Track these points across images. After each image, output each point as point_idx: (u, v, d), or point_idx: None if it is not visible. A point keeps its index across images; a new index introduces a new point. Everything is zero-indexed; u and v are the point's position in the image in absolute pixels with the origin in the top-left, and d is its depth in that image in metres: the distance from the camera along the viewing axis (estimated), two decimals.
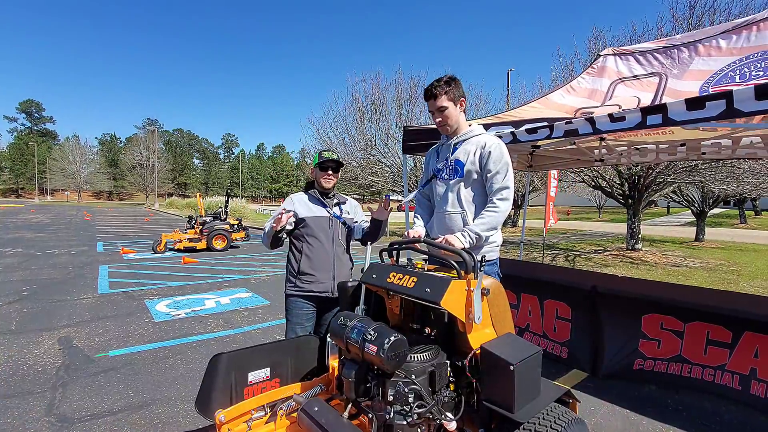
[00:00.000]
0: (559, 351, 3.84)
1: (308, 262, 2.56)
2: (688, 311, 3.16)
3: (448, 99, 2.22)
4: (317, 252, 2.57)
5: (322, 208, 2.63)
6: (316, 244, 2.57)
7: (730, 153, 4.85)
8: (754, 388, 2.95)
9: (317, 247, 2.57)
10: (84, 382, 3.38)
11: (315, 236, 2.57)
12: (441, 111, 2.24)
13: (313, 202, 2.64)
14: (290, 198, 2.67)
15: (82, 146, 68.34)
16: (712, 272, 9.25)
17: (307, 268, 2.55)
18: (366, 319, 1.78)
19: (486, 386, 1.70)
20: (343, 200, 2.77)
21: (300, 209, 2.59)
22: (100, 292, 6.49)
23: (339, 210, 2.69)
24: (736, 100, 2.38)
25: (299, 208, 2.59)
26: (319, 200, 2.64)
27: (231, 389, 2.06)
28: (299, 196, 2.67)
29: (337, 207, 2.70)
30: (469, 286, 1.75)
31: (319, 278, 2.56)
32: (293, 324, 2.59)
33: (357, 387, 1.68)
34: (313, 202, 2.63)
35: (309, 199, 2.64)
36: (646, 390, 3.29)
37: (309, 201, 2.64)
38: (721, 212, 31.95)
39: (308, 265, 2.56)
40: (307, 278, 2.56)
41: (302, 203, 2.62)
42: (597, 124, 2.91)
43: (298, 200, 2.64)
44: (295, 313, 2.58)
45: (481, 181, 2.24)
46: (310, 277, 2.56)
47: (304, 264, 2.56)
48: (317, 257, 2.57)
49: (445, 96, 2.21)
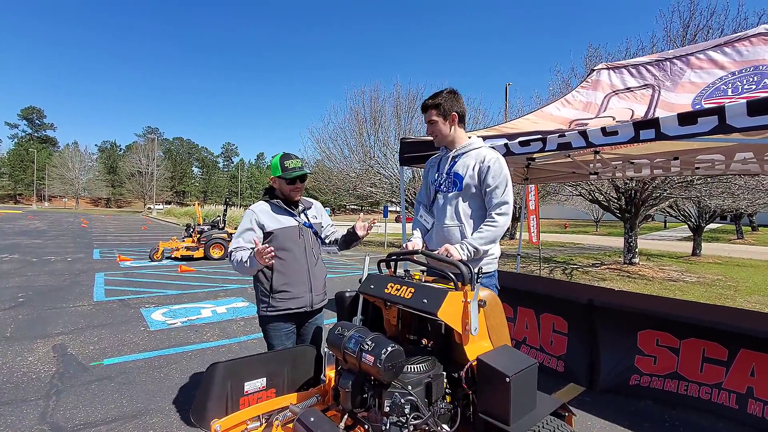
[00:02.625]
0: (556, 365, 3.83)
1: (281, 277, 2.36)
2: (684, 327, 3.15)
3: (437, 114, 2.29)
4: (290, 265, 2.38)
5: (290, 217, 2.45)
6: (288, 257, 2.38)
7: (723, 168, 4.93)
8: (751, 407, 2.90)
9: (289, 260, 2.38)
10: (78, 390, 3.35)
11: (286, 249, 2.37)
12: (431, 124, 2.33)
13: (279, 212, 2.44)
14: (251, 211, 2.40)
15: (81, 153, 68.56)
16: (709, 287, 9.26)
17: (281, 284, 2.36)
18: (363, 329, 1.79)
19: (482, 398, 1.71)
20: (308, 205, 2.62)
21: (266, 222, 2.38)
22: (96, 300, 6.45)
23: (306, 216, 2.54)
24: (728, 115, 2.42)
25: (265, 220, 2.38)
26: (285, 209, 2.45)
27: (227, 399, 2.05)
28: (261, 207, 2.44)
29: (304, 214, 2.54)
30: (466, 297, 1.76)
31: (296, 293, 2.39)
32: (275, 347, 2.41)
33: (354, 397, 1.69)
34: (279, 213, 2.44)
35: (273, 210, 2.43)
36: (642, 405, 3.27)
37: (274, 211, 2.43)
38: (718, 227, 32.09)
39: (282, 281, 2.36)
40: (282, 296, 2.37)
41: (267, 215, 2.40)
42: (590, 138, 2.96)
43: (261, 212, 2.40)
44: (274, 335, 2.41)
45: (480, 194, 2.26)
46: (286, 294, 2.37)
47: (278, 281, 2.36)
48: (291, 271, 2.38)
49: (434, 110, 2.29)
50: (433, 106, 2.29)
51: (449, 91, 2.31)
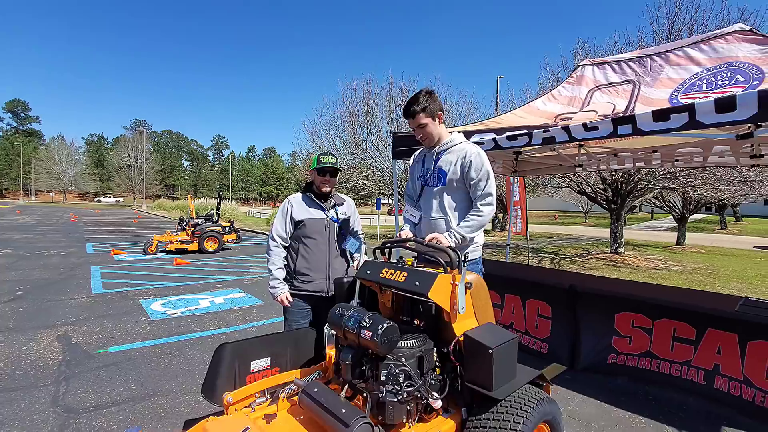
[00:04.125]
0: (540, 347, 4.07)
1: (304, 262, 2.66)
2: (656, 309, 3.39)
3: (425, 116, 2.37)
4: (313, 253, 2.67)
5: (320, 210, 2.72)
6: (312, 245, 2.67)
7: (701, 161, 5.17)
8: (717, 382, 3.14)
9: (313, 248, 2.67)
10: (86, 376, 3.50)
11: (311, 237, 2.67)
12: (421, 128, 2.41)
13: (311, 204, 2.72)
14: (288, 201, 2.74)
15: (68, 146, 67.29)
16: (690, 275, 9.63)
17: (303, 268, 2.66)
18: (361, 309, 1.98)
19: (468, 369, 1.92)
20: (340, 201, 2.85)
21: (298, 211, 2.68)
22: (95, 292, 6.56)
23: (335, 212, 2.78)
24: (698, 112, 2.60)
25: (297, 209, 2.68)
26: (316, 203, 2.73)
27: (235, 377, 2.23)
28: (297, 198, 2.75)
29: (334, 209, 2.78)
30: (454, 280, 1.95)
31: (314, 278, 2.66)
32: (290, 321, 2.71)
33: (353, 369, 1.88)
34: (311, 205, 2.72)
35: (306, 201, 2.73)
36: (619, 382, 3.53)
37: (306, 203, 2.72)
38: (703, 218, 32.87)
39: (304, 265, 2.66)
40: (302, 278, 2.66)
41: (300, 205, 2.71)
42: (572, 133, 3.15)
43: (295, 202, 2.72)
44: (291, 311, 2.69)
45: (463, 188, 2.42)
46: (306, 277, 2.66)
47: (300, 264, 2.66)
48: (313, 258, 2.67)
49: (422, 114, 2.36)
50: (421, 110, 2.36)
51: (427, 92, 2.39)
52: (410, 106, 2.39)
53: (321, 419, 1.78)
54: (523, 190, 7.17)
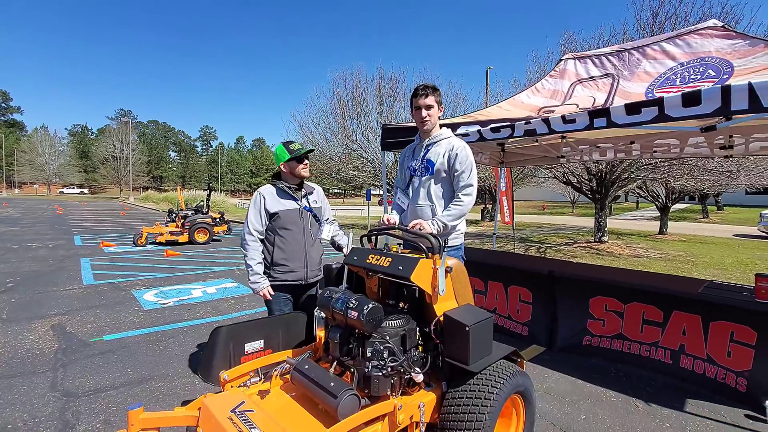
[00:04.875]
0: (521, 330, 4.28)
1: (281, 253, 2.71)
2: (627, 293, 3.60)
3: (435, 100, 2.57)
4: (289, 243, 2.72)
5: (292, 201, 2.75)
6: (288, 236, 2.72)
7: (678, 152, 5.38)
8: (683, 362, 3.36)
9: (289, 238, 2.72)
10: (83, 363, 3.61)
11: (287, 228, 2.71)
12: (428, 108, 2.57)
13: (283, 195, 2.75)
14: (259, 193, 2.74)
15: (51, 137, 65.67)
16: (669, 262, 9.98)
17: (280, 259, 2.71)
18: (348, 292, 2.13)
19: (447, 345, 2.08)
20: (310, 190, 2.89)
21: (271, 203, 2.70)
22: (86, 283, 6.60)
23: (307, 201, 2.83)
24: (666, 106, 2.77)
25: (270, 201, 2.71)
26: (288, 193, 2.75)
27: (230, 358, 2.37)
28: (268, 190, 2.76)
29: (305, 199, 2.83)
30: (435, 264, 2.10)
31: (293, 267, 2.74)
32: (274, 311, 2.78)
33: (341, 347, 2.03)
34: (283, 196, 2.74)
35: (278, 193, 2.75)
36: (593, 362, 3.75)
37: (278, 195, 2.74)
38: (686, 207, 33.65)
39: (281, 256, 2.71)
40: (281, 268, 2.72)
41: (272, 197, 2.73)
42: (552, 125, 3.31)
43: (267, 194, 2.73)
44: (273, 300, 2.75)
45: (449, 179, 2.59)
46: (284, 267, 2.72)
47: (278, 255, 2.71)
48: (290, 248, 2.72)
49: (433, 97, 2.56)
50: (433, 92, 2.56)
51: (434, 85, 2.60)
52: (423, 86, 2.56)
53: (312, 393, 1.93)
54: (510, 181, 7.35)
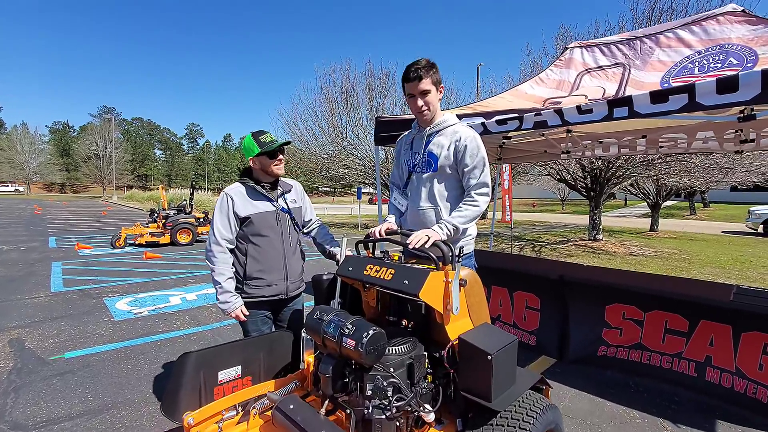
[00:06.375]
0: (528, 339, 3.95)
1: (256, 264, 2.27)
2: (648, 300, 3.29)
3: (431, 82, 2.07)
4: (266, 252, 2.29)
5: (267, 201, 2.30)
6: (263, 244, 2.28)
7: (686, 147, 5.12)
8: (709, 375, 3.07)
9: (265, 246, 2.28)
10: (38, 386, 3.16)
11: (262, 234, 2.27)
12: (424, 95, 2.08)
13: (255, 196, 2.29)
14: (226, 194, 2.26)
15: (30, 135, 63.58)
16: (665, 260, 9.82)
17: (255, 271, 2.27)
18: (343, 313, 1.74)
19: (463, 376, 1.71)
20: (287, 188, 2.44)
21: (241, 205, 2.24)
22: (54, 291, 6.08)
23: (285, 201, 2.39)
24: (698, 93, 2.44)
25: (240, 204, 2.24)
26: (261, 193, 2.29)
27: (200, 389, 1.97)
28: (236, 190, 2.28)
29: (282, 198, 2.38)
30: (447, 277, 1.74)
31: (270, 281, 2.30)
32: (250, 333, 2.33)
33: (334, 382, 1.65)
34: (255, 197, 2.28)
35: (249, 194, 2.28)
36: (609, 374, 3.44)
37: (249, 196, 2.28)
38: (673, 204, 33.95)
39: (256, 268, 2.27)
40: (256, 282, 2.28)
41: (242, 198, 2.26)
42: (566, 116, 2.97)
43: (236, 195, 2.25)
44: (249, 321, 2.30)
45: (456, 176, 2.17)
46: (260, 281, 2.28)
47: (252, 267, 2.27)
48: (266, 258, 2.29)
49: (428, 79, 2.06)
50: (427, 73, 2.04)
51: (433, 62, 2.11)
52: (414, 67, 2.04)
53: None
54: (510, 178, 7.05)
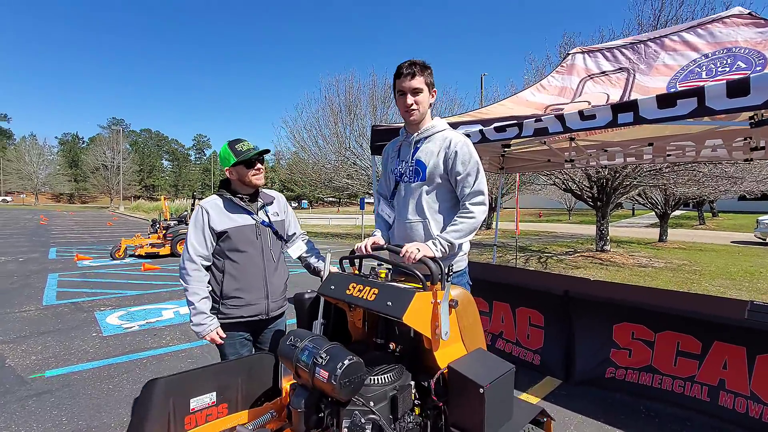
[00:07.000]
0: (532, 358, 3.73)
1: (234, 282, 2.10)
2: (659, 319, 3.08)
3: (424, 82, 1.96)
4: (244, 269, 2.12)
5: (245, 214, 2.14)
6: (241, 260, 2.11)
7: (694, 155, 4.93)
8: (722, 399, 2.87)
9: (244, 263, 2.12)
10: (12, 408, 3.00)
11: (240, 250, 2.10)
12: (415, 93, 1.96)
13: (232, 209, 2.13)
14: (201, 208, 2.10)
15: (39, 146, 64.60)
16: (675, 272, 9.53)
17: (232, 290, 2.10)
18: (319, 339, 1.57)
19: (453, 410, 1.53)
20: (269, 200, 2.28)
21: (217, 219, 2.08)
22: (45, 304, 5.96)
23: (266, 214, 2.23)
24: (708, 96, 2.30)
25: (216, 217, 2.08)
26: (239, 206, 2.14)
27: (169, 419, 1.79)
28: (212, 203, 2.13)
29: (263, 211, 2.23)
30: (435, 298, 1.57)
31: (249, 300, 2.13)
32: (228, 356, 2.16)
33: (308, 418, 1.48)
34: (233, 210, 2.13)
35: (227, 206, 2.13)
36: (618, 398, 3.21)
37: (227, 208, 2.12)
38: (682, 214, 33.44)
39: (234, 286, 2.10)
40: (233, 302, 2.10)
41: (218, 211, 2.10)
42: (567, 123, 2.82)
43: (211, 208, 2.10)
44: (226, 343, 2.12)
45: (447, 185, 2.01)
46: (238, 301, 2.11)
47: (229, 286, 2.10)
48: (244, 276, 2.12)
49: (422, 78, 1.95)
50: (420, 71, 1.94)
51: (425, 62, 2.00)
52: (408, 64, 1.95)
53: None
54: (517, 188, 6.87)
